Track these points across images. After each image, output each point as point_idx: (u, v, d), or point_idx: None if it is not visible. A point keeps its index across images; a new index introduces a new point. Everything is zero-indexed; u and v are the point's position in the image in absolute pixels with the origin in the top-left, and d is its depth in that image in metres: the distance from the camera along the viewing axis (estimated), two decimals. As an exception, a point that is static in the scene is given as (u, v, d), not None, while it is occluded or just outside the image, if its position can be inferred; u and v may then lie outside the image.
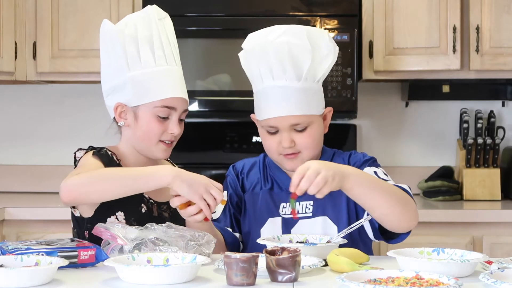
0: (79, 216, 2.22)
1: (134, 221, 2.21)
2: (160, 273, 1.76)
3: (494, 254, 3.32)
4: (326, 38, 2.26)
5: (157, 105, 2.22)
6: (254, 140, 3.94)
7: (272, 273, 1.80)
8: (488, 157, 3.89)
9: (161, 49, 2.24)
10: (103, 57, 2.29)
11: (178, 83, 2.26)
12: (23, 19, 3.81)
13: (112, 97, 2.27)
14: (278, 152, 2.28)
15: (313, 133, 2.26)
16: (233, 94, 3.71)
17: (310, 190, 2.00)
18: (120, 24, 2.25)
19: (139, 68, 2.22)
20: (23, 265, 1.85)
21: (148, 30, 2.24)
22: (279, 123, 2.24)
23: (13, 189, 4.15)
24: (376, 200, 2.09)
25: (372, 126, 4.14)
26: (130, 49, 2.22)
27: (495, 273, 1.72)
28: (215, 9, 3.74)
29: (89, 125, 4.11)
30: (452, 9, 3.70)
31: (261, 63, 2.24)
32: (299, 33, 2.23)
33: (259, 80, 2.26)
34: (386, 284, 1.65)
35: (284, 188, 2.32)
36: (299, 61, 2.22)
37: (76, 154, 2.24)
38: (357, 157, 2.33)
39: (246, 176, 2.40)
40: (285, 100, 2.22)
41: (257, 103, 2.30)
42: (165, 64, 2.24)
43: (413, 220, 2.15)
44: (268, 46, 2.22)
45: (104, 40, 2.27)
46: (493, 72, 3.73)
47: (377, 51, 3.74)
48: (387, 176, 2.26)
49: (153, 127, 2.23)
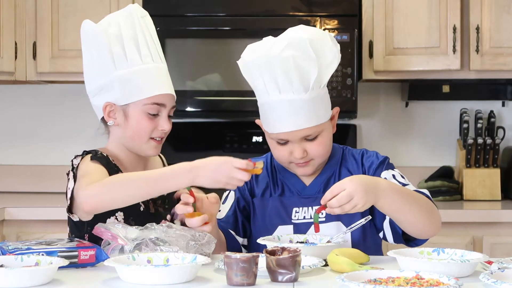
0: (78, 221, 2.20)
1: (132, 220, 2.21)
2: (160, 273, 1.76)
3: (494, 254, 3.32)
4: (329, 43, 2.21)
5: (146, 103, 2.22)
6: (254, 140, 3.94)
7: (272, 273, 1.80)
8: (488, 157, 3.89)
9: (146, 47, 2.24)
10: (86, 58, 2.28)
11: (165, 80, 2.27)
12: (23, 19, 3.81)
13: (99, 97, 2.27)
14: (289, 161, 2.26)
15: (324, 139, 2.25)
16: (233, 94, 3.71)
17: (335, 211, 2.01)
18: (103, 24, 2.24)
19: (126, 66, 2.21)
20: (23, 265, 1.85)
21: (132, 28, 2.24)
22: (289, 136, 2.21)
23: (13, 189, 4.16)
24: (406, 214, 2.11)
25: (372, 126, 4.14)
26: (116, 48, 2.21)
27: (495, 273, 1.72)
28: (215, 9, 3.74)
29: (89, 125, 4.09)
30: (452, 9, 3.70)
31: (266, 76, 2.19)
32: (303, 44, 2.17)
33: (264, 93, 2.22)
34: (386, 284, 1.65)
35: (296, 192, 2.31)
36: (305, 72, 2.17)
37: (73, 162, 2.21)
38: (371, 158, 2.31)
39: (256, 180, 2.36)
40: (295, 114, 2.18)
41: (265, 115, 2.25)
42: (151, 62, 2.24)
43: (439, 227, 2.18)
44: (272, 60, 2.17)
45: (87, 40, 2.26)
46: (493, 72, 3.73)
47: (377, 51, 3.74)
48: (404, 179, 2.27)
49: (143, 124, 2.23)
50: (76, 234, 2.24)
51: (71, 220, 2.23)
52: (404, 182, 2.25)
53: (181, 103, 3.69)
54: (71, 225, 2.25)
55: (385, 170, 2.28)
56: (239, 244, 2.32)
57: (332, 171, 2.32)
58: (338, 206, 2.00)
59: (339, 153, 2.35)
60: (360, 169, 2.30)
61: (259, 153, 2.45)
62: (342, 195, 1.99)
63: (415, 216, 2.11)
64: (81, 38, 2.28)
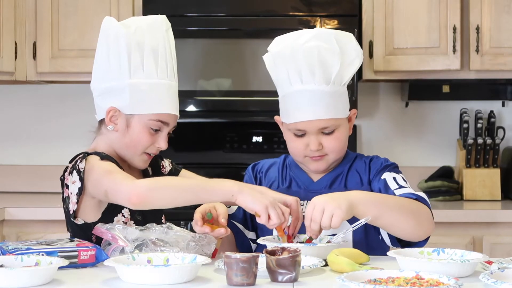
0: (83, 224, 2.19)
1: (139, 216, 2.22)
2: (160, 273, 1.76)
3: (494, 254, 3.32)
4: (353, 42, 2.29)
5: (151, 118, 2.21)
6: (254, 140, 3.94)
7: (272, 273, 1.80)
8: (488, 157, 3.89)
9: (164, 62, 2.22)
10: (101, 55, 2.24)
11: (174, 100, 2.26)
12: (23, 19, 3.81)
13: (105, 99, 2.24)
14: (304, 154, 2.30)
15: (340, 135, 2.30)
16: (233, 94, 3.71)
17: (323, 227, 2.05)
18: (128, 26, 2.21)
19: (141, 77, 2.19)
20: (23, 265, 1.85)
21: (155, 39, 2.22)
22: (307, 126, 2.26)
23: (13, 189, 4.16)
24: (388, 219, 2.13)
25: (372, 126, 4.14)
26: (135, 56, 2.19)
27: (495, 273, 1.72)
28: (215, 9, 3.74)
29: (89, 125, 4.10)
30: (452, 9, 3.70)
31: (290, 66, 2.25)
32: (328, 37, 2.25)
33: (287, 84, 2.27)
34: (386, 284, 1.65)
35: (303, 186, 2.35)
36: (328, 65, 2.24)
37: (79, 166, 2.16)
38: (378, 162, 2.35)
39: (265, 175, 2.42)
40: (314, 104, 2.24)
41: (285, 106, 2.31)
42: (166, 79, 2.23)
43: (429, 229, 2.18)
44: (298, 50, 2.24)
45: (107, 38, 2.22)
46: (493, 72, 3.73)
47: (377, 51, 3.74)
48: (406, 183, 2.29)
49: (142, 138, 2.22)
50: (82, 238, 2.18)
51: (74, 224, 2.20)
52: (403, 185, 2.27)
53: (182, 103, 3.66)
54: (74, 229, 2.22)
55: (387, 172, 2.30)
56: (248, 240, 2.35)
57: (341, 171, 2.36)
58: (318, 226, 2.04)
59: (351, 157, 2.39)
60: (366, 170, 2.35)
61: (259, 153, 2.46)
62: (314, 212, 2.04)
63: (400, 220, 2.13)
64: (100, 33, 2.24)
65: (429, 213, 2.19)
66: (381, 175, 2.30)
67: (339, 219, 2.03)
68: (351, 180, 2.34)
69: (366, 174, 2.34)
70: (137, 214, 2.22)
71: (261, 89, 3.59)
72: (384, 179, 2.28)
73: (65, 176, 2.20)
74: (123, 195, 2.05)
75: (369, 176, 2.33)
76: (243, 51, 3.70)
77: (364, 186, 2.32)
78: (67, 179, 2.19)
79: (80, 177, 2.15)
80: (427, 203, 2.21)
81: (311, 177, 2.37)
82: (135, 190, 2.03)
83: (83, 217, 2.19)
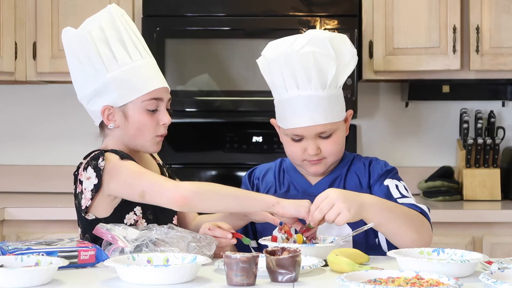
0: (94, 219, 2.19)
1: (150, 214, 2.23)
2: (160, 273, 1.76)
3: (494, 254, 3.32)
4: (348, 44, 2.29)
5: (145, 99, 2.23)
6: (254, 140, 3.94)
7: (272, 273, 1.80)
8: (488, 157, 3.89)
9: (132, 45, 2.24)
10: (73, 65, 2.28)
11: (158, 74, 2.28)
12: (23, 19, 3.81)
13: (95, 102, 2.26)
14: (302, 158, 2.31)
15: (338, 138, 2.30)
16: (233, 94, 3.71)
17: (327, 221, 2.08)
18: (85, 28, 2.25)
19: (117, 67, 2.22)
20: (23, 265, 1.85)
21: (115, 29, 2.24)
22: (305, 132, 2.26)
23: (13, 189, 4.15)
24: (393, 228, 2.14)
25: (372, 126, 4.14)
26: (104, 51, 2.22)
27: (495, 273, 1.72)
28: (215, 9, 3.74)
29: (89, 125, 4.09)
30: (452, 9, 3.70)
31: (286, 72, 2.24)
32: (323, 41, 2.24)
33: (283, 89, 2.27)
34: (386, 284, 1.65)
35: (301, 190, 2.35)
36: (324, 70, 2.24)
37: (98, 164, 2.16)
38: (378, 166, 2.35)
39: (261, 181, 2.43)
40: (312, 110, 2.24)
41: (281, 112, 2.30)
42: (141, 58, 2.25)
43: (427, 243, 2.19)
44: (293, 55, 2.23)
45: (72, 47, 2.27)
46: (493, 72, 3.73)
47: (377, 51, 3.74)
48: (407, 192, 2.30)
49: (145, 121, 2.24)
50: (90, 234, 2.18)
51: (84, 219, 2.20)
52: (405, 194, 2.28)
53: (181, 103, 3.70)
54: (84, 225, 2.22)
55: (389, 178, 2.30)
56: (250, 250, 2.35)
57: (339, 173, 2.36)
58: (322, 216, 2.05)
59: (349, 158, 2.39)
60: (366, 172, 2.35)
61: (259, 153, 2.46)
62: (323, 203, 2.05)
63: (401, 231, 2.14)
64: (64, 46, 2.30)
65: (430, 228, 2.22)
66: (383, 181, 2.30)
67: (344, 219, 2.04)
68: (350, 182, 2.34)
69: (366, 177, 2.34)
70: (149, 213, 2.23)
71: (261, 89, 3.58)
72: (386, 185, 2.28)
73: (79, 172, 2.21)
74: (167, 197, 2.10)
75: (369, 179, 2.33)
76: (243, 51, 3.70)
77: (364, 189, 2.32)
78: (81, 175, 2.20)
79: (98, 174, 2.15)
80: (428, 217, 2.23)
81: (309, 181, 2.37)
82: (181, 192, 2.09)
83: (95, 213, 2.19)
